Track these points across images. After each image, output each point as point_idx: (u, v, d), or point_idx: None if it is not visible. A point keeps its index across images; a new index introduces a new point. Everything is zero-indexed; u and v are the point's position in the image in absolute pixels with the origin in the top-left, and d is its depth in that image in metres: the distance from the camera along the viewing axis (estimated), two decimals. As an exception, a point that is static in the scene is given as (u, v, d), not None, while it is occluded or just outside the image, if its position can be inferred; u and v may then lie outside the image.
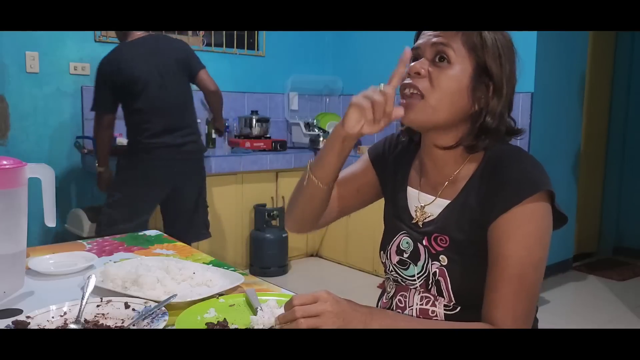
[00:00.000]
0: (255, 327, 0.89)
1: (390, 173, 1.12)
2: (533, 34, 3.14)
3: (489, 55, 0.92)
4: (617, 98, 4.15)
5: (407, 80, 0.94)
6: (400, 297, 1.04)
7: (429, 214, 1.01)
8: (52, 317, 0.92)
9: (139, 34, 2.64)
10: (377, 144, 1.18)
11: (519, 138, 1.00)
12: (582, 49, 3.56)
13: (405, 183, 1.08)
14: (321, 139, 3.85)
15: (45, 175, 1.09)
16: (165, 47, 2.68)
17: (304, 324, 0.81)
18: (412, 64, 0.94)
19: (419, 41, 0.97)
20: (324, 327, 0.81)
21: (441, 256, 0.97)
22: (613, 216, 4.26)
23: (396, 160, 1.12)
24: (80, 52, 3.28)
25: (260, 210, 3.55)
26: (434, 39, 0.93)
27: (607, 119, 4.18)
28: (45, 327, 0.89)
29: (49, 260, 1.25)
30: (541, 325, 1.04)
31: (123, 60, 2.55)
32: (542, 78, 3.21)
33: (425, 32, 0.97)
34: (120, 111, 2.68)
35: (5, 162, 0.97)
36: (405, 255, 1.03)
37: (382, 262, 1.11)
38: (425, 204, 1.02)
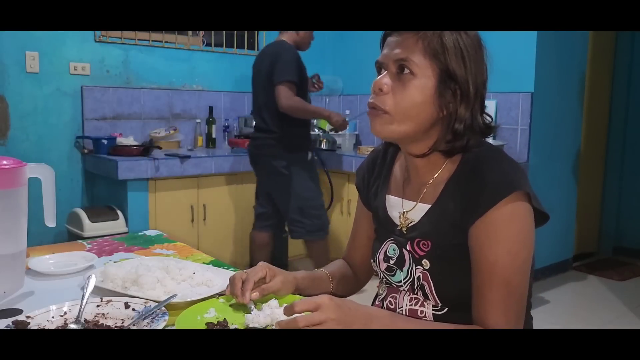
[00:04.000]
0: (250, 326, 0.89)
1: (370, 190, 1.14)
2: (533, 34, 3.14)
3: (451, 58, 0.91)
4: (617, 98, 4.15)
5: (371, 99, 0.95)
6: (391, 299, 1.05)
7: (412, 220, 1.01)
8: (52, 317, 0.92)
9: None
10: (359, 170, 1.19)
11: (492, 136, 1.00)
12: (582, 49, 3.56)
13: (384, 192, 1.09)
14: (321, 138, 3.85)
15: (45, 175, 1.09)
16: None
17: None
18: (377, 79, 0.95)
19: (383, 52, 0.96)
20: None
21: (424, 260, 0.98)
22: (613, 216, 4.26)
23: (375, 175, 1.13)
24: (80, 52, 3.28)
25: (260, 210, 3.54)
26: (395, 52, 0.93)
27: (607, 119, 4.18)
28: (45, 327, 0.89)
29: (49, 260, 1.25)
30: (541, 325, 1.05)
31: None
32: (542, 78, 3.21)
33: (389, 40, 0.96)
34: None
35: (5, 162, 0.97)
36: (392, 262, 1.04)
37: (374, 269, 1.12)
38: (408, 210, 1.02)
